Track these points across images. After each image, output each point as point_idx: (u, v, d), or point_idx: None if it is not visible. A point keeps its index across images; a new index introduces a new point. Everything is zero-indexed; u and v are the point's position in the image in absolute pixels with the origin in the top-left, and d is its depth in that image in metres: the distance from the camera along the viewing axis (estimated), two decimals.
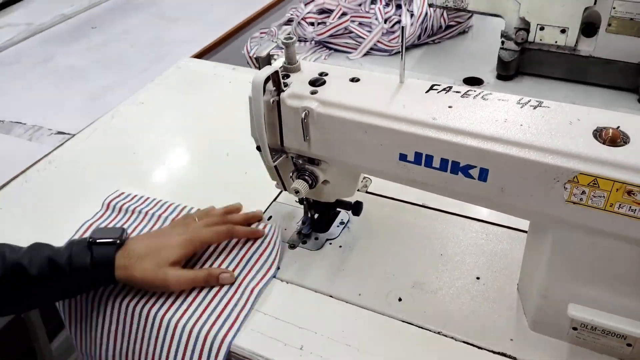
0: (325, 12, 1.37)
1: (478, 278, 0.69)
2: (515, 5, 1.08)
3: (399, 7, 1.36)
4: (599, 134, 0.51)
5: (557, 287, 0.58)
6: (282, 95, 0.62)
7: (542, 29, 1.08)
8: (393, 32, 1.30)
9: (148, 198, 0.84)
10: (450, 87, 0.60)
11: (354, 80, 0.62)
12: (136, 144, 1.00)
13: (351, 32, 1.31)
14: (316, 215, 0.77)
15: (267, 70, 0.59)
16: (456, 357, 0.61)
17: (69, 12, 1.61)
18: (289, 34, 0.64)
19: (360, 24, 1.32)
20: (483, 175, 0.54)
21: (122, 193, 0.85)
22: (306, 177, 0.65)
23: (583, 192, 0.50)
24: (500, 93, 0.58)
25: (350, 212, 0.76)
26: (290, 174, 0.67)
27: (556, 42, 1.08)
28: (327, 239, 0.77)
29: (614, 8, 1.01)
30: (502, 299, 0.66)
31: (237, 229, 0.74)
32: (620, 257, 0.53)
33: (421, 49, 1.32)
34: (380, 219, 0.79)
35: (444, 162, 0.56)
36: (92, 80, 1.29)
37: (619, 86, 1.10)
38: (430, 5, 1.18)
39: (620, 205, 0.49)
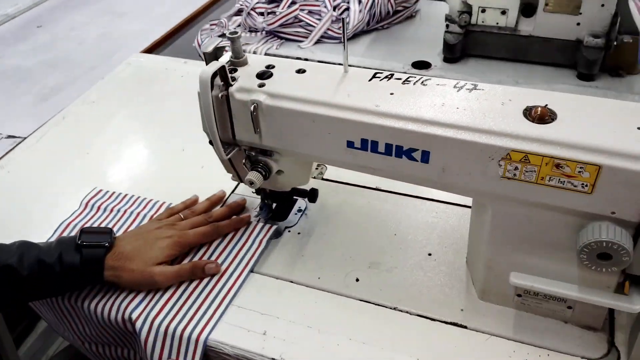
0: (274, 1, 1.37)
1: (430, 254, 0.73)
2: None
3: None
4: (529, 113, 0.55)
5: (500, 258, 0.62)
6: (231, 89, 0.63)
7: (483, 11, 1.12)
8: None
9: (126, 195, 0.85)
10: (392, 75, 0.62)
11: (300, 71, 0.64)
12: (90, 144, 1.00)
13: (301, 20, 1.31)
14: (274, 205, 0.79)
15: (214, 66, 0.61)
16: (411, 330, 0.64)
17: (13, 11, 1.56)
18: (235, 29, 0.65)
19: (309, 12, 1.33)
20: (425, 157, 0.57)
21: (100, 191, 0.86)
22: (259, 169, 0.67)
23: (516, 168, 0.54)
24: (438, 78, 0.61)
25: (306, 199, 0.79)
26: (244, 164, 0.69)
27: (497, 23, 1.13)
28: (286, 227, 0.79)
29: None
30: (452, 273, 0.70)
31: (223, 225, 0.76)
32: (553, 226, 0.57)
33: (370, 35, 1.34)
34: (336, 204, 0.82)
35: (388, 146, 0.58)
36: (40, 81, 1.27)
37: (559, 63, 1.15)
38: None
39: (550, 178, 0.53)
